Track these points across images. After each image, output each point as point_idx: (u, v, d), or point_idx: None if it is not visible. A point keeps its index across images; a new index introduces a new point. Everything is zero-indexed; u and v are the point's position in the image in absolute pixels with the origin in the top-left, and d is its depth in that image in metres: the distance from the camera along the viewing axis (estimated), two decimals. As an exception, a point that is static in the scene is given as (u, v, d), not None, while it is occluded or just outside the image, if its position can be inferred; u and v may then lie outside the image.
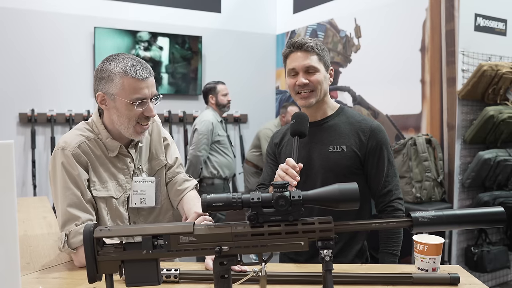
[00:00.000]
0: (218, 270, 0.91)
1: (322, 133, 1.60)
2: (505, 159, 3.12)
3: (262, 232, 0.90)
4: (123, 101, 1.36)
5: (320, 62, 1.56)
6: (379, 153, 1.57)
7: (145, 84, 1.36)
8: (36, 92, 4.26)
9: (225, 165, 3.73)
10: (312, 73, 1.55)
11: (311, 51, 1.54)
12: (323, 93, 1.58)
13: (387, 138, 1.60)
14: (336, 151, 1.56)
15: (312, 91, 1.55)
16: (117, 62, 1.36)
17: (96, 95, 1.39)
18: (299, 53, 1.55)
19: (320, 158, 1.57)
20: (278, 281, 1.17)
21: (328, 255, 0.90)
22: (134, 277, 0.92)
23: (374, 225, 0.94)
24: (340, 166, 1.55)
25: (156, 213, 1.54)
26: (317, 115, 1.63)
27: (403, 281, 1.15)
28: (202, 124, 3.59)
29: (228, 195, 0.90)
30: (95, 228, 0.90)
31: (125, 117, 1.38)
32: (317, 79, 1.55)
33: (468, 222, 0.94)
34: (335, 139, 1.58)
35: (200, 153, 3.56)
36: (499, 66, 3.10)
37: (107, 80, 1.36)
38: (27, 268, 1.33)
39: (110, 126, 1.44)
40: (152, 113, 1.41)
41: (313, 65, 1.54)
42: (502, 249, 3.23)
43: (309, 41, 1.55)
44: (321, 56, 1.57)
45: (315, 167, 1.58)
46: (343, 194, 0.90)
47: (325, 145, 1.58)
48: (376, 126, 1.59)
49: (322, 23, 4.67)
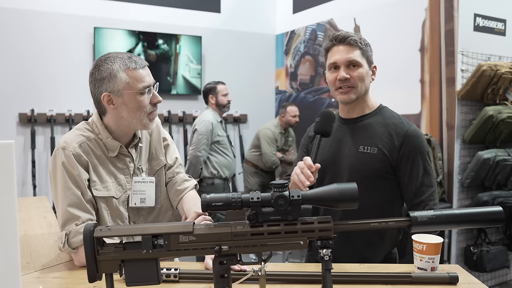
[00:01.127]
0: (218, 270, 0.91)
1: (355, 131, 1.54)
2: (504, 159, 3.12)
3: (261, 232, 0.90)
4: (131, 93, 1.37)
5: (363, 57, 1.50)
6: (413, 160, 1.47)
7: (146, 72, 1.41)
8: (36, 92, 4.26)
9: (225, 165, 3.73)
10: (354, 68, 1.48)
11: (354, 45, 1.48)
12: (364, 90, 1.51)
13: (424, 145, 1.50)
14: (366, 152, 1.49)
15: (353, 87, 1.49)
16: (113, 60, 1.38)
17: (102, 96, 1.38)
18: (341, 47, 1.49)
19: (348, 157, 1.51)
20: (278, 280, 1.17)
21: (327, 255, 0.91)
22: (134, 276, 0.92)
23: (373, 224, 0.94)
24: (368, 167, 1.47)
25: (156, 213, 1.54)
26: (353, 113, 1.56)
27: (402, 280, 1.15)
28: (201, 125, 3.59)
29: (227, 195, 0.90)
30: (95, 227, 0.91)
31: (137, 109, 1.39)
32: (359, 74, 1.48)
33: (467, 222, 0.94)
34: (367, 139, 1.50)
35: (200, 153, 3.56)
36: (498, 66, 3.11)
37: (109, 78, 1.37)
38: (27, 268, 1.33)
39: (114, 126, 1.44)
40: (159, 98, 1.44)
41: (355, 59, 1.48)
42: (502, 249, 3.23)
43: (353, 35, 1.49)
44: (364, 51, 1.50)
45: (342, 166, 1.52)
46: (342, 194, 0.90)
47: (355, 144, 1.51)
48: (412, 131, 1.49)
49: (322, 23, 4.68)
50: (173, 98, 4.85)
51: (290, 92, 5.22)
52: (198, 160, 3.56)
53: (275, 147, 4.38)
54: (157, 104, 1.46)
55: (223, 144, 3.72)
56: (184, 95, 4.92)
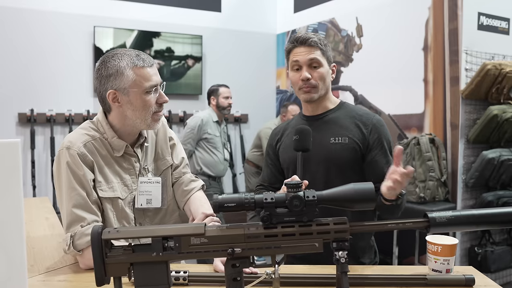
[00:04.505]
0: (231, 273, 0.89)
1: (322, 125, 1.59)
2: (509, 159, 3.10)
3: (275, 233, 0.88)
4: (137, 91, 1.34)
5: (323, 57, 1.56)
6: (381, 146, 1.54)
7: (153, 70, 1.38)
8: (36, 92, 4.22)
9: (210, 163, 3.77)
10: (316, 68, 1.54)
11: (314, 46, 1.54)
12: (325, 88, 1.58)
13: (388, 133, 1.58)
14: (338, 142, 1.54)
15: (315, 86, 1.55)
16: (120, 57, 1.34)
17: (107, 93, 1.35)
18: (302, 48, 1.55)
19: (320, 150, 1.54)
20: (292, 283, 1.15)
21: (343, 257, 0.88)
22: (144, 280, 0.90)
23: (390, 225, 0.92)
24: (342, 157, 1.52)
25: (162, 214, 1.51)
26: (318, 110, 1.62)
27: (417, 282, 1.13)
28: (191, 119, 3.77)
29: (240, 196, 0.88)
30: (103, 229, 0.88)
31: (142, 108, 1.36)
32: (320, 73, 1.54)
33: (487, 223, 0.92)
34: (336, 130, 1.56)
35: (185, 146, 3.61)
36: (503, 65, 3.09)
37: (116, 76, 1.33)
38: (32, 271, 1.29)
39: (119, 124, 1.41)
40: (165, 98, 1.41)
41: (317, 58, 1.53)
42: (506, 249, 3.22)
43: (312, 36, 1.55)
44: (324, 51, 1.56)
45: (315, 160, 1.54)
46: (358, 194, 0.88)
47: (325, 137, 1.56)
48: (378, 120, 1.58)
49: (323, 22, 4.65)
50: (174, 98, 4.81)
51: (291, 91, 5.19)
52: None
53: (276, 147, 4.35)
54: (163, 104, 1.43)
55: (212, 143, 3.77)
56: (185, 95, 4.90)
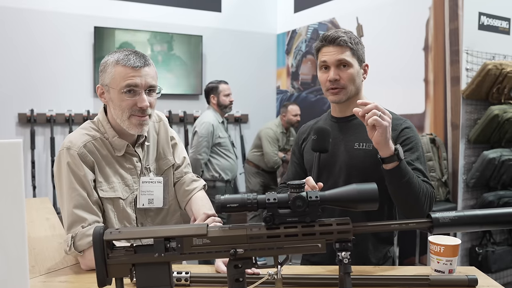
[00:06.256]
0: (233, 274, 0.88)
1: (349, 129, 1.54)
2: (509, 159, 3.09)
3: (278, 234, 0.87)
4: (115, 90, 1.34)
5: (354, 56, 1.48)
6: (410, 147, 1.46)
7: (137, 73, 1.32)
8: (36, 92, 4.22)
9: (227, 167, 3.66)
10: (345, 68, 1.47)
11: (343, 46, 1.46)
12: (354, 90, 1.51)
13: (418, 138, 1.50)
14: (361, 148, 1.48)
15: (343, 88, 1.48)
16: (113, 54, 1.36)
17: (97, 87, 1.40)
18: (331, 48, 1.47)
19: (344, 154, 1.50)
20: (294, 284, 1.14)
21: (346, 257, 0.88)
22: (146, 281, 0.89)
23: (393, 226, 0.92)
24: (365, 163, 1.46)
25: (164, 214, 1.50)
26: (347, 111, 1.55)
27: (420, 283, 1.12)
28: (202, 127, 3.52)
29: (242, 196, 0.87)
30: (104, 230, 0.87)
31: (118, 108, 1.34)
32: (349, 74, 1.47)
33: (490, 223, 0.91)
34: (362, 136, 1.49)
35: (201, 156, 3.50)
36: (504, 65, 3.08)
37: (103, 71, 1.36)
38: (33, 272, 1.29)
39: (113, 122, 1.40)
40: (144, 103, 1.32)
41: (345, 59, 1.46)
42: (507, 249, 3.21)
43: (342, 35, 1.47)
44: (355, 51, 1.48)
45: (338, 164, 1.51)
46: (361, 195, 0.88)
47: (351, 141, 1.51)
48: (409, 125, 1.50)
49: (324, 22, 4.65)
50: (174, 98, 4.81)
51: (291, 92, 5.19)
52: (199, 163, 3.50)
53: (276, 147, 4.34)
54: (148, 110, 1.35)
55: (225, 146, 3.64)
56: (185, 95, 4.89)
